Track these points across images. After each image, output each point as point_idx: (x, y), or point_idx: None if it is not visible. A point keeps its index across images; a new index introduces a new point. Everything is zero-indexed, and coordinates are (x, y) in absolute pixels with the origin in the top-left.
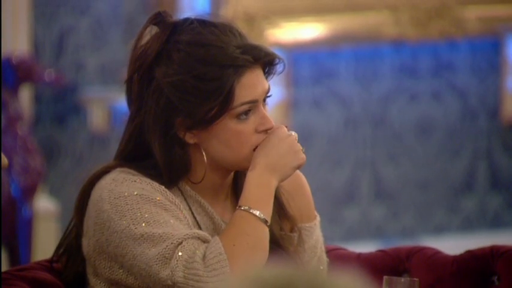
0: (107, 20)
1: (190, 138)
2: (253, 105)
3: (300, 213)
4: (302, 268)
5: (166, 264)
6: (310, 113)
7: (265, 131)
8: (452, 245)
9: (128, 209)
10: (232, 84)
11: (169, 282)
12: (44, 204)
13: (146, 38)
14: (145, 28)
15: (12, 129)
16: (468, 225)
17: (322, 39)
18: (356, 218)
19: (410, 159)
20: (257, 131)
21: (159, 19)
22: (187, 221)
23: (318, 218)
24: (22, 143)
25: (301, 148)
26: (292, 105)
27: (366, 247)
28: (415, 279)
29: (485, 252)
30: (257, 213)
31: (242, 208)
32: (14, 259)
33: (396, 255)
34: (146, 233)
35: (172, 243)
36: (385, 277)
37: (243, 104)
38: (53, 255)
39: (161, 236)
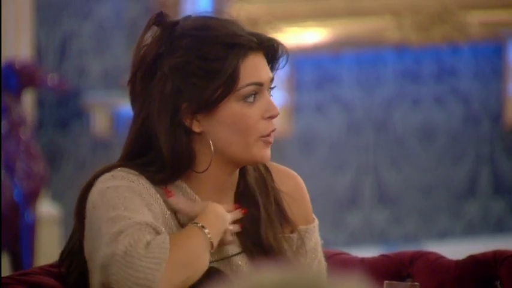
0: (109, 25)
1: (196, 127)
2: (259, 89)
3: (299, 216)
4: (303, 272)
5: (110, 245)
6: (312, 117)
7: (271, 118)
8: (455, 249)
9: (108, 200)
10: (237, 64)
11: (106, 260)
12: (47, 209)
13: (148, 38)
14: (147, 29)
15: (15, 134)
16: (471, 230)
17: (325, 44)
18: (359, 222)
19: (413, 164)
20: (263, 118)
21: (159, 19)
22: (166, 222)
23: (316, 221)
24: (25, 147)
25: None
26: (294, 110)
27: (369, 252)
28: (415, 283)
29: (488, 257)
30: (206, 231)
31: (197, 225)
32: (16, 264)
33: (399, 260)
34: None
35: (124, 225)
36: (385, 282)
37: (248, 84)
38: (58, 260)
39: (118, 218)
